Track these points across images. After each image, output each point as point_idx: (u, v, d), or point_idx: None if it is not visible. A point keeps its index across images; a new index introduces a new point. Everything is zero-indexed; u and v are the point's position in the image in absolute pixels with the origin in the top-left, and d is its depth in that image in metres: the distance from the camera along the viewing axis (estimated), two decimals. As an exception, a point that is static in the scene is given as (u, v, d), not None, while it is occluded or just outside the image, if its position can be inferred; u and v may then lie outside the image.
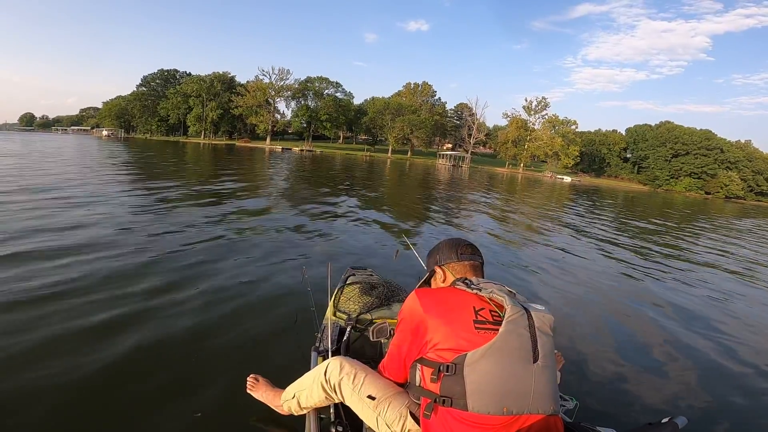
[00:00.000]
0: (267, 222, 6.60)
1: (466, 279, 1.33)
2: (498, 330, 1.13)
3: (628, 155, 72.10)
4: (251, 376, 1.91)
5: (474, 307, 1.19)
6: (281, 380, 1.80)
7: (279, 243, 5.25)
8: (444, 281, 1.44)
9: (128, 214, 6.14)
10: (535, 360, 1.12)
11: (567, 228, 10.18)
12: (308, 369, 1.68)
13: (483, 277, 1.42)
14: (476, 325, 1.15)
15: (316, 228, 6.58)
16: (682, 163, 62.19)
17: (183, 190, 9.54)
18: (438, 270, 1.46)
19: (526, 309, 1.19)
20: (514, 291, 1.27)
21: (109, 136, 65.64)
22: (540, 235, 8.49)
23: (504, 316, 1.16)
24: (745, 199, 58.97)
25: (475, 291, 1.25)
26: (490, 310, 1.19)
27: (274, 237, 5.56)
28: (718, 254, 8.88)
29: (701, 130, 63.72)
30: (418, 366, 1.24)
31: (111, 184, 9.44)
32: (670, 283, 5.66)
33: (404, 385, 1.42)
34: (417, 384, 1.24)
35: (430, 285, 1.52)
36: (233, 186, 11.58)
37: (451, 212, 10.83)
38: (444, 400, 1.12)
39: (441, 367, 1.14)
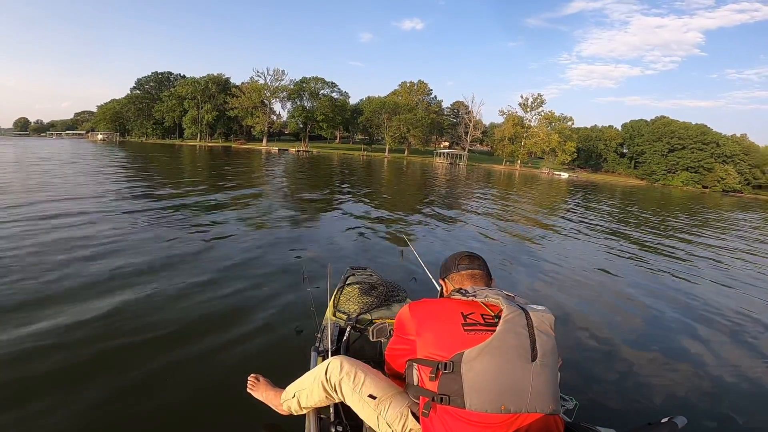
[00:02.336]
0: (267, 223, 6.60)
1: (461, 289, 1.35)
2: (493, 331, 1.13)
3: (625, 150, 72.07)
4: (252, 375, 1.91)
5: (462, 313, 1.21)
6: (281, 380, 1.79)
7: (279, 244, 5.24)
8: (447, 293, 1.47)
9: (125, 216, 6.12)
10: (534, 359, 1.12)
11: (566, 225, 10.19)
12: (308, 369, 1.67)
13: (490, 286, 1.42)
14: (465, 328, 1.16)
15: (316, 229, 6.59)
16: (679, 158, 62.16)
17: (182, 193, 9.50)
18: (443, 283, 1.52)
19: (524, 309, 1.19)
20: (512, 294, 1.29)
21: (104, 140, 65.35)
22: (539, 233, 8.50)
23: (499, 318, 1.16)
24: (742, 193, 59.00)
25: (470, 298, 1.26)
26: (482, 314, 1.21)
27: (274, 238, 5.56)
28: (719, 251, 8.91)
29: (697, 124, 63.66)
30: (415, 366, 1.25)
31: (109, 191, 9.39)
32: (672, 282, 5.63)
33: (404, 385, 1.43)
34: (415, 384, 1.25)
35: None
36: (233, 188, 11.56)
37: (450, 211, 10.83)
38: (442, 398, 1.13)
39: (439, 365, 1.14)
